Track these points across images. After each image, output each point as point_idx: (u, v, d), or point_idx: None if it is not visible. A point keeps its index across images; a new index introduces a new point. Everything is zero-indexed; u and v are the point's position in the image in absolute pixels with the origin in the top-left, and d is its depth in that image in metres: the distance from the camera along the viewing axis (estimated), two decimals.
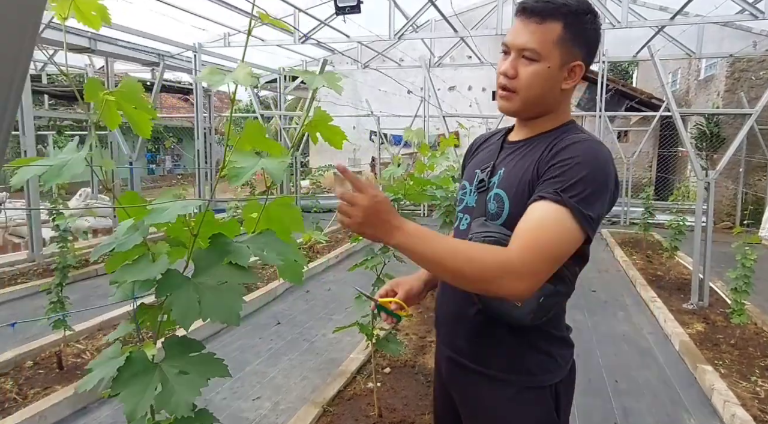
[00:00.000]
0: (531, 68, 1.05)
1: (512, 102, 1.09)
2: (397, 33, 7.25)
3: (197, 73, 8.14)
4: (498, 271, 0.94)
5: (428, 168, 2.60)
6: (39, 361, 3.37)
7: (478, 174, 1.18)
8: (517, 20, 1.07)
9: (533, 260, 0.94)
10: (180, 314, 0.90)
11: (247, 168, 0.95)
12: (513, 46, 1.07)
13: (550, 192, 0.98)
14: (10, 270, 5.45)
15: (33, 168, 0.96)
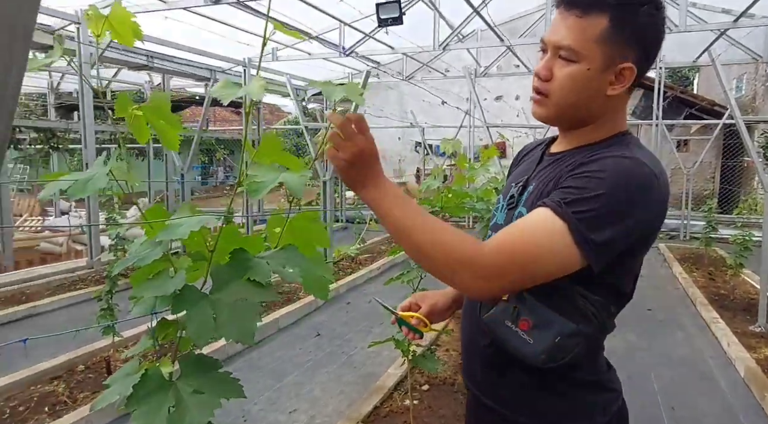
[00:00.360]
0: (566, 70, 0.90)
1: (545, 107, 0.95)
2: (441, 44, 7.20)
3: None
4: (463, 262, 0.85)
5: (468, 180, 2.52)
6: (90, 365, 3.51)
7: (512, 189, 1.07)
8: (557, 13, 0.93)
9: (503, 263, 0.85)
10: (195, 331, 0.88)
11: (267, 182, 0.93)
12: (548, 43, 0.93)
13: (553, 200, 0.86)
14: (70, 276, 5.75)
15: (60, 183, 0.97)
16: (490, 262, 0.85)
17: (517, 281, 0.87)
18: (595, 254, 0.84)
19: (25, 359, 3.74)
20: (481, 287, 0.87)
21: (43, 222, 10.21)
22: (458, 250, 0.85)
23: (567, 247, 0.83)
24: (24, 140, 10.22)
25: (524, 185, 1.03)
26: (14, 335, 4.33)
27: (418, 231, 0.88)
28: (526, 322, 0.91)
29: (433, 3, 6.77)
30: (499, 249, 0.85)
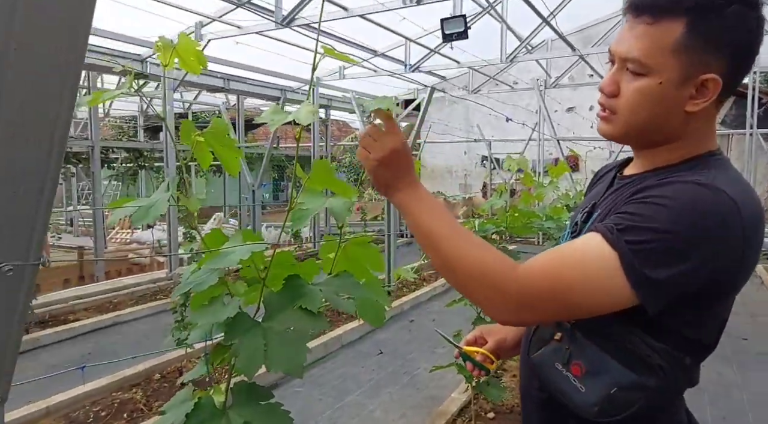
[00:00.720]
0: (634, 85, 0.79)
1: (612, 125, 0.84)
2: (509, 56, 7.05)
3: (315, 106, 8.66)
4: (493, 282, 0.77)
5: (536, 199, 2.39)
6: (165, 374, 3.68)
7: (578, 214, 0.97)
8: (625, 21, 0.82)
9: (538, 289, 0.75)
10: (244, 362, 0.87)
11: (311, 209, 0.91)
12: (615, 54, 0.82)
13: (606, 225, 0.75)
14: (152, 287, 6.14)
15: (125, 209, 1.00)
16: (524, 286, 0.76)
17: (554, 311, 0.77)
18: (648, 294, 0.72)
19: (106, 367, 4.00)
20: (511, 313, 0.78)
21: (132, 235, 11.04)
22: (489, 268, 0.78)
23: (615, 278, 0.72)
24: (116, 159, 11.17)
25: (590, 211, 0.92)
26: (103, 340, 4.66)
27: (448, 241, 0.81)
28: (578, 366, 0.81)
29: (501, 15, 6.66)
30: (536, 273, 0.76)
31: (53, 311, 5.11)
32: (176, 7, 5.34)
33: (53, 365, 4.02)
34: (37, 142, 0.50)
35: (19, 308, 0.55)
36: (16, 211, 0.52)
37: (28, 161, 0.51)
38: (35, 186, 0.53)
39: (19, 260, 0.53)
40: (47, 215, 0.55)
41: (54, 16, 0.47)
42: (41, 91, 0.48)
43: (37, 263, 0.55)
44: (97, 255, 7.48)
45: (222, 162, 1.13)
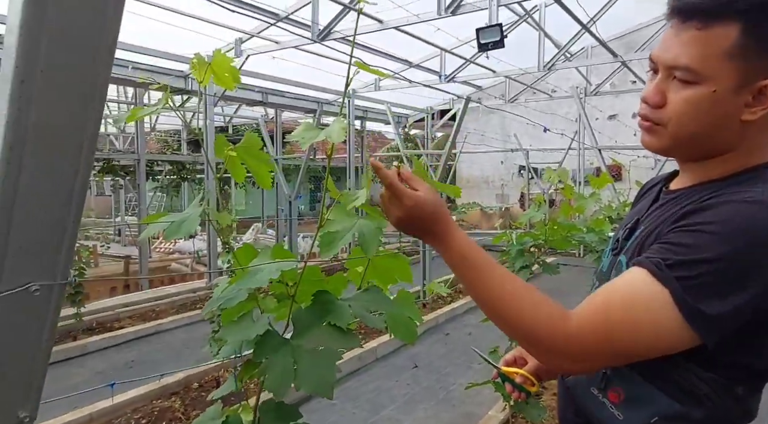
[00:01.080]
0: (684, 94, 0.73)
1: (657, 137, 0.78)
2: (547, 64, 6.93)
3: (350, 117, 8.75)
4: (545, 339, 0.72)
5: (576, 211, 2.31)
6: (203, 383, 3.75)
7: (620, 230, 0.91)
8: (670, 26, 0.76)
9: (593, 343, 0.70)
10: (274, 382, 0.85)
11: (341, 233, 0.88)
12: (660, 62, 0.76)
13: (652, 259, 0.69)
14: (192, 296, 6.30)
15: (158, 225, 1.01)
16: (578, 341, 0.71)
17: (612, 360, 0.73)
18: (706, 330, 0.66)
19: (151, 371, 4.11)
20: (568, 367, 0.75)
21: (174, 244, 11.40)
22: (538, 324, 0.73)
23: (672, 320, 0.66)
24: (161, 172, 11.60)
25: (632, 228, 0.86)
26: (145, 348, 4.80)
27: (489, 294, 0.77)
28: (616, 393, 0.77)
29: (538, 23, 6.55)
30: (588, 326, 0.71)
31: (100, 318, 5.31)
32: (218, 24, 5.51)
33: (99, 372, 4.17)
34: (64, 158, 0.50)
35: (47, 328, 0.55)
36: (43, 229, 0.52)
37: (54, 178, 0.51)
38: (62, 203, 0.53)
39: (46, 279, 0.53)
40: (75, 233, 0.55)
41: (80, 34, 0.47)
42: (68, 108, 0.48)
43: (65, 282, 0.55)
44: (141, 264, 7.75)
45: (254, 175, 1.14)
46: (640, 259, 0.71)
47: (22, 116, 0.45)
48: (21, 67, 0.43)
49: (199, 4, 5.00)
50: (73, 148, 0.51)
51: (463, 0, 4.32)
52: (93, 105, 0.50)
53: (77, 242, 3.12)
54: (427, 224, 0.81)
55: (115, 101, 9.33)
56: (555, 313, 0.73)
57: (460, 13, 4.37)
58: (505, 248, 2.33)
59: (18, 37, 0.42)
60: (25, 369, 0.56)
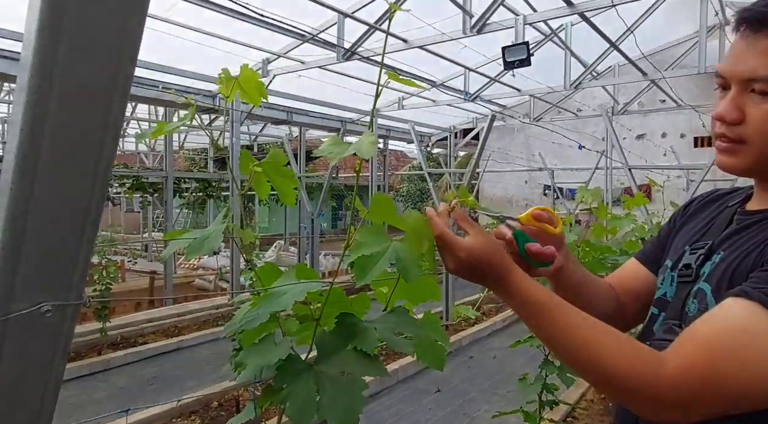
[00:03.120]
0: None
1: (739, 157, 0.73)
2: (573, 83, 6.84)
3: (374, 135, 8.78)
4: (636, 388, 0.64)
5: (609, 232, 2.22)
6: (223, 402, 3.71)
7: (687, 254, 0.83)
8: (738, 38, 0.73)
9: (695, 389, 0.62)
10: (295, 410, 0.80)
11: (375, 258, 0.80)
12: (733, 75, 0.72)
13: (762, 290, 0.62)
14: (214, 312, 6.32)
15: (179, 242, 0.99)
16: (673, 386, 0.63)
17: (719, 407, 0.64)
18: None
19: (172, 388, 4.10)
20: (667, 418, 0.65)
21: (199, 260, 11.53)
22: (626, 371, 0.64)
23: None
24: (188, 189, 11.82)
25: (707, 253, 0.79)
26: (167, 364, 4.80)
27: (564, 344, 0.69)
28: None
29: (564, 43, 6.50)
30: (687, 366, 0.63)
31: (125, 332, 5.36)
32: (245, 45, 5.63)
33: (121, 387, 4.18)
34: (80, 172, 0.47)
35: (59, 351, 0.52)
36: (56, 246, 0.49)
37: (70, 192, 0.48)
38: (77, 220, 0.50)
39: (59, 300, 0.50)
40: (90, 251, 0.52)
41: (101, 43, 0.45)
42: (86, 118, 0.46)
43: (79, 303, 0.51)
44: (166, 279, 7.84)
45: (278, 192, 1.11)
46: (744, 288, 0.64)
47: (37, 124, 0.42)
48: (38, 72, 0.40)
49: (226, 23, 5.12)
50: (90, 161, 0.48)
51: (489, 19, 4.31)
52: (111, 117, 0.48)
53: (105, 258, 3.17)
54: (482, 271, 0.76)
55: (146, 120, 9.59)
56: (652, 359, 0.65)
57: (486, 31, 4.35)
58: None
59: (35, 42, 0.40)
60: (36, 394, 0.52)
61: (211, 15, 4.70)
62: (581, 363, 0.68)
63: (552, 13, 4.29)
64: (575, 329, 0.69)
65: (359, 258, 0.82)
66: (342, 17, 5.01)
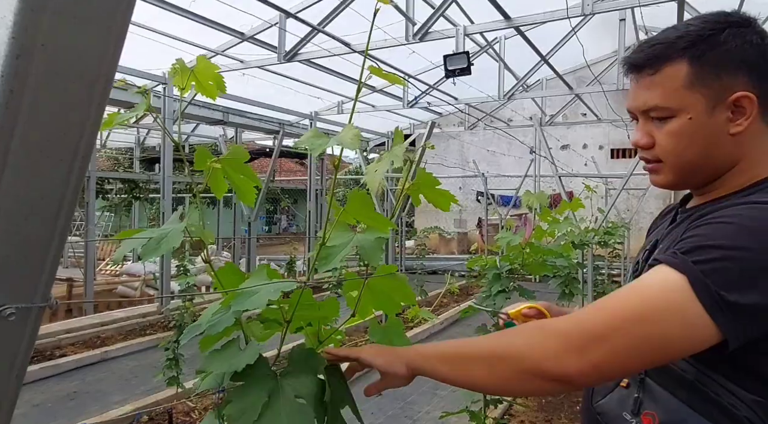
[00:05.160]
0: (666, 128, 0.78)
1: (662, 174, 0.82)
2: (507, 93, 7.16)
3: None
4: (527, 349, 0.71)
5: (548, 235, 2.33)
6: (154, 416, 3.49)
7: (641, 254, 0.92)
8: (630, 80, 0.84)
9: (599, 329, 0.67)
10: (236, 412, 0.76)
11: (338, 248, 0.83)
12: (635, 110, 0.83)
13: (666, 254, 0.70)
14: (141, 321, 5.94)
15: (134, 241, 0.92)
16: (582, 328, 0.68)
17: (623, 350, 0.66)
18: (729, 320, 0.62)
19: (96, 403, 3.80)
20: (574, 363, 0.67)
21: (122, 266, 10.81)
22: (522, 341, 0.73)
23: (688, 308, 0.63)
24: (111, 190, 11.06)
25: (651, 249, 0.87)
26: (89, 377, 4.44)
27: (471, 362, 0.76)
28: (650, 417, 0.73)
29: (499, 55, 6.79)
30: (583, 319, 0.70)
31: (39, 345, 4.89)
32: (180, 40, 5.39)
33: (36, 404, 3.81)
34: (56, 159, 0.42)
35: (20, 357, 0.46)
36: (24, 243, 0.44)
37: (43, 182, 0.43)
38: (49, 214, 0.45)
39: (23, 301, 0.45)
40: (60, 249, 0.47)
41: (87, 14, 0.41)
42: (68, 97, 0.41)
43: (44, 305, 0.46)
44: (86, 287, 7.27)
45: (237, 192, 1.07)
46: (656, 256, 0.72)
47: (13, 99, 0.37)
48: (18, 40, 0.35)
49: (158, 17, 4.88)
50: (69, 148, 0.43)
51: (432, 28, 4.41)
52: (95, 99, 0.44)
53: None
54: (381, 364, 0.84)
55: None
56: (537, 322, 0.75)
57: (428, 39, 4.45)
58: (477, 271, 2.31)
59: (18, 10, 0.35)
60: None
61: (142, 6, 4.45)
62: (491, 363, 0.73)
63: (491, 26, 4.47)
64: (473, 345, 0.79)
65: (323, 249, 0.82)
66: (284, 17, 4.92)
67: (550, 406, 3.71)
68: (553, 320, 0.75)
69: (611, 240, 5.99)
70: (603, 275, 7.48)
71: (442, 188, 0.97)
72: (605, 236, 4.64)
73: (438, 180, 0.93)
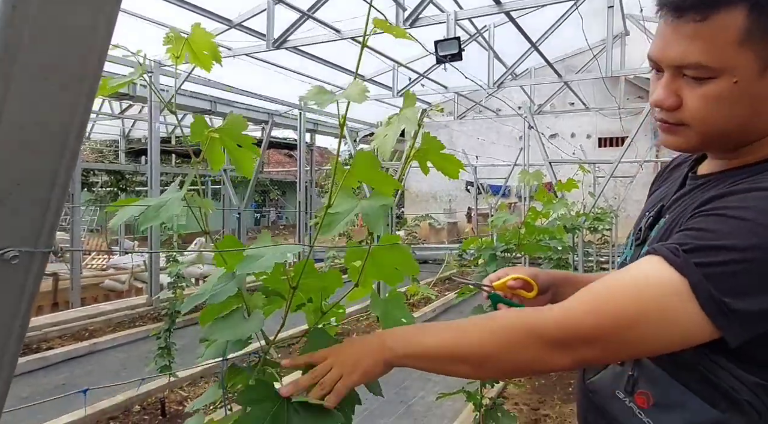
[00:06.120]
0: (703, 91, 0.66)
1: (682, 137, 0.71)
2: (496, 82, 7.15)
3: (302, 130, 8.62)
4: (524, 338, 0.67)
5: (542, 216, 2.33)
6: (146, 406, 3.45)
7: (643, 219, 0.83)
8: (662, 23, 0.69)
9: (590, 325, 0.63)
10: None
11: (342, 215, 0.80)
12: (664, 61, 0.69)
13: (667, 246, 0.63)
14: (131, 313, 5.87)
15: (131, 209, 0.89)
16: (572, 331, 0.64)
17: (614, 351, 0.65)
18: (731, 327, 0.59)
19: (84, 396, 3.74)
20: (564, 360, 0.66)
21: (109, 260, 10.66)
22: (516, 327, 0.68)
23: (686, 311, 0.59)
24: (96, 183, 10.89)
25: (656, 216, 0.79)
26: (78, 370, 4.38)
27: (464, 342, 0.71)
28: (645, 397, 0.69)
29: (488, 42, 6.77)
30: (578, 308, 0.65)
31: (24, 338, 4.81)
32: (162, 25, 5.28)
33: (24, 397, 3.75)
34: (63, 89, 0.40)
35: (23, 306, 0.44)
36: (27, 183, 0.42)
37: (51, 109, 0.40)
38: (54, 152, 0.42)
39: (27, 245, 0.42)
40: (63, 197, 0.45)
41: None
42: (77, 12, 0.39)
43: (48, 250, 0.44)
44: (73, 280, 7.16)
45: (235, 162, 1.04)
46: (654, 246, 0.65)
47: (17, 14, 0.34)
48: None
49: (143, 3, 4.77)
50: (73, 74, 0.41)
51: (422, 13, 4.37)
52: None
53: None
54: (362, 341, 0.78)
55: None
56: (530, 310, 0.70)
57: (418, 25, 4.42)
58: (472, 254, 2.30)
59: None
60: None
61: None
62: (483, 346, 0.69)
63: (481, 11, 4.44)
64: (461, 325, 0.74)
65: (327, 215, 0.80)
66: (273, 3, 4.85)
67: (543, 388, 3.74)
68: (541, 317, 0.68)
69: (600, 226, 6.05)
70: (592, 262, 7.55)
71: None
72: (595, 221, 4.68)
73: (442, 144, 0.91)
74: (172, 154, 11.61)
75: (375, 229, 0.82)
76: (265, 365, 0.86)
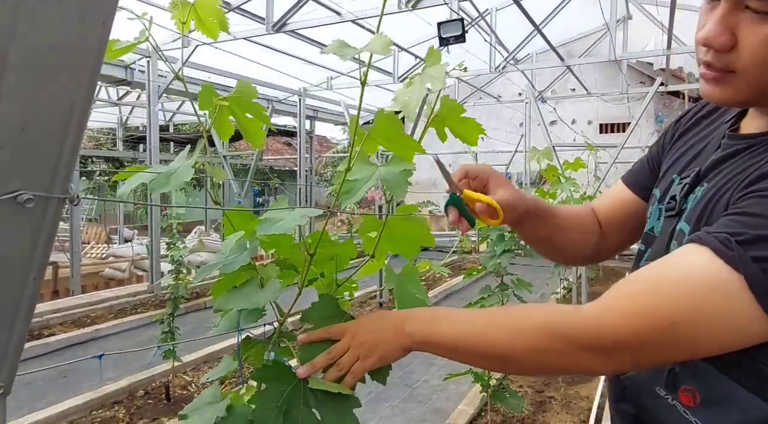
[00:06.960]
0: (766, 30, 0.56)
1: (730, 88, 0.61)
2: (498, 66, 7.08)
3: (302, 116, 8.55)
4: (553, 342, 0.60)
5: (549, 196, 2.31)
6: (150, 390, 3.45)
7: (675, 184, 0.72)
8: None
9: (636, 331, 0.55)
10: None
11: (361, 181, 0.76)
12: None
13: (717, 235, 0.55)
14: (132, 300, 5.86)
15: (141, 175, 0.86)
16: (609, 334, 0.57)
17: (665, 355, 0.58)
18: None
19: (89, 380, 3.74)
20: (604, 363, 0.60)
21: (108, 249, 10.64)
22: (545, 327, 0.61)
23: (743, 311, 0.52)
24: (94, 172, 10.82)
25: (692, 184, 0.69)
26: (81, 356, 4.38)
27: (485, 335, 0.65)
28: (690, 393, 0.62)
29: (491, 27, 6.69)
30: (623, 316, 0.57)
31: None
32: (164, 9, 5.20)
33: (27, 383, 3.74)
34: (80, 16, 0.36)
35: (39, 254, 0.41)
36: (40, 124, 0.39)
37: (62, 58, 0.37)
38: (68, 94, 0.39)
39: (41, 190, 0.39)
40: (78, 142, 0.42)
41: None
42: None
43: (64, 197, 0.41)
44: (73, 268, 7.14)
45: (244, 133, 1.01)
46: (700, 235, 0.57)
47: None
48: None
49: None
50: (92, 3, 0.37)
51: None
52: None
53: None
54: (382, 319, 0.73)
55: None
56: (566, 307, 0.63)
57: (420, 7, 4.35)
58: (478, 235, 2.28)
59: None
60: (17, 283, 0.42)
61: None
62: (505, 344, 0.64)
63: None
64: (485, 317, 0.69)
65: (345, 183, 0.77)
66: None
67: None
68: (571, 320, 0.60)
69: None
70: None
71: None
72: None
73: (462, 107, 0.88)
74: (170, 142, 11.53)
75: (397, 194, 0.78)
76: (281, 337, 0.84)
